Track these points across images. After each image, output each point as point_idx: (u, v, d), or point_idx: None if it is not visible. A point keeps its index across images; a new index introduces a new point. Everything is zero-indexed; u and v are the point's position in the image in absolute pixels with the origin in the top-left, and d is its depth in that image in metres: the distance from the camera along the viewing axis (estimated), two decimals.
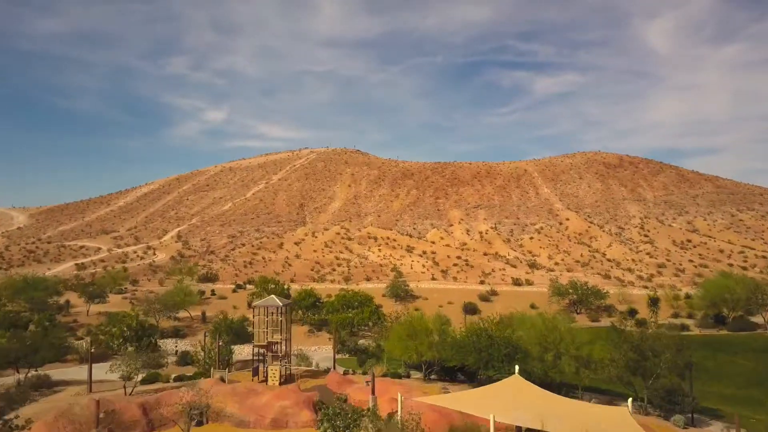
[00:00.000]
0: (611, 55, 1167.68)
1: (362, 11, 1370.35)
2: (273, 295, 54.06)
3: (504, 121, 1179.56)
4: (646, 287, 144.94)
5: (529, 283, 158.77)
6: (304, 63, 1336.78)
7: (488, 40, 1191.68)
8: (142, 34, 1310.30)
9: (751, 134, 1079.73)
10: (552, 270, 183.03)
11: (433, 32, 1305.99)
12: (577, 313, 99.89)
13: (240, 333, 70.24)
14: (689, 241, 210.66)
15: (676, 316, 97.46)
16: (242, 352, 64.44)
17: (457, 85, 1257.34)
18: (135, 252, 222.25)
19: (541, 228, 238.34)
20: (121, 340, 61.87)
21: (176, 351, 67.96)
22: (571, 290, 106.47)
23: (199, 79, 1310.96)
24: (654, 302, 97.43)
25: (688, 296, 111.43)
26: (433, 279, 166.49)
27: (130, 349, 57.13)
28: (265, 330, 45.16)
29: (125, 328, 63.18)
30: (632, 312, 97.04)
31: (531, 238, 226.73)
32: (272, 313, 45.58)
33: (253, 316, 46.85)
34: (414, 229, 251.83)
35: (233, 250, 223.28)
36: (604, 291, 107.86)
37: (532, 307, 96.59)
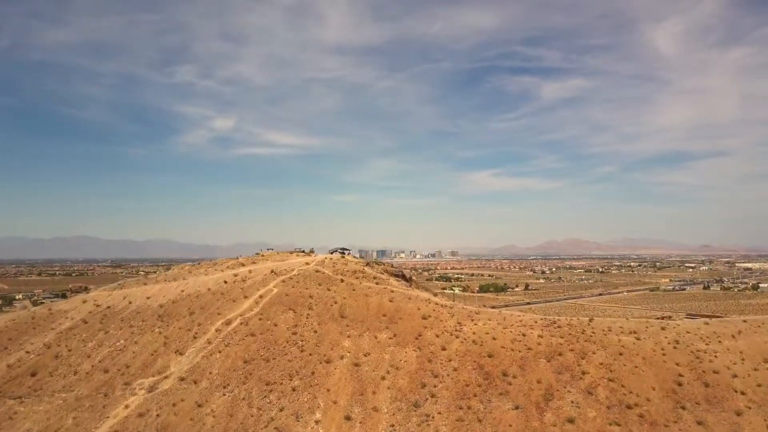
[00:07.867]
0: (618, 60, 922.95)
1: (369, 19, 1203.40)
2: None
3: (511, 127, 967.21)
4: None
5: None
6: (311, 71, 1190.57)
7: (495, 46, 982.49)
8: (151, 44, 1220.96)
9: (759, 137, 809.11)
10: None
11: (439, 39, 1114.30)
12: None
13: None
14: None
15: None
16: None
17: (464, 91, 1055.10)
18: None
19: None
20: None
21: None
22: None
23: (206, 87, 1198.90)
24: None
25: None
26: None
27: None
28: None
29: None
30: None
31: None
32: None
33: None
34: None
35: None
36: None
37: None
